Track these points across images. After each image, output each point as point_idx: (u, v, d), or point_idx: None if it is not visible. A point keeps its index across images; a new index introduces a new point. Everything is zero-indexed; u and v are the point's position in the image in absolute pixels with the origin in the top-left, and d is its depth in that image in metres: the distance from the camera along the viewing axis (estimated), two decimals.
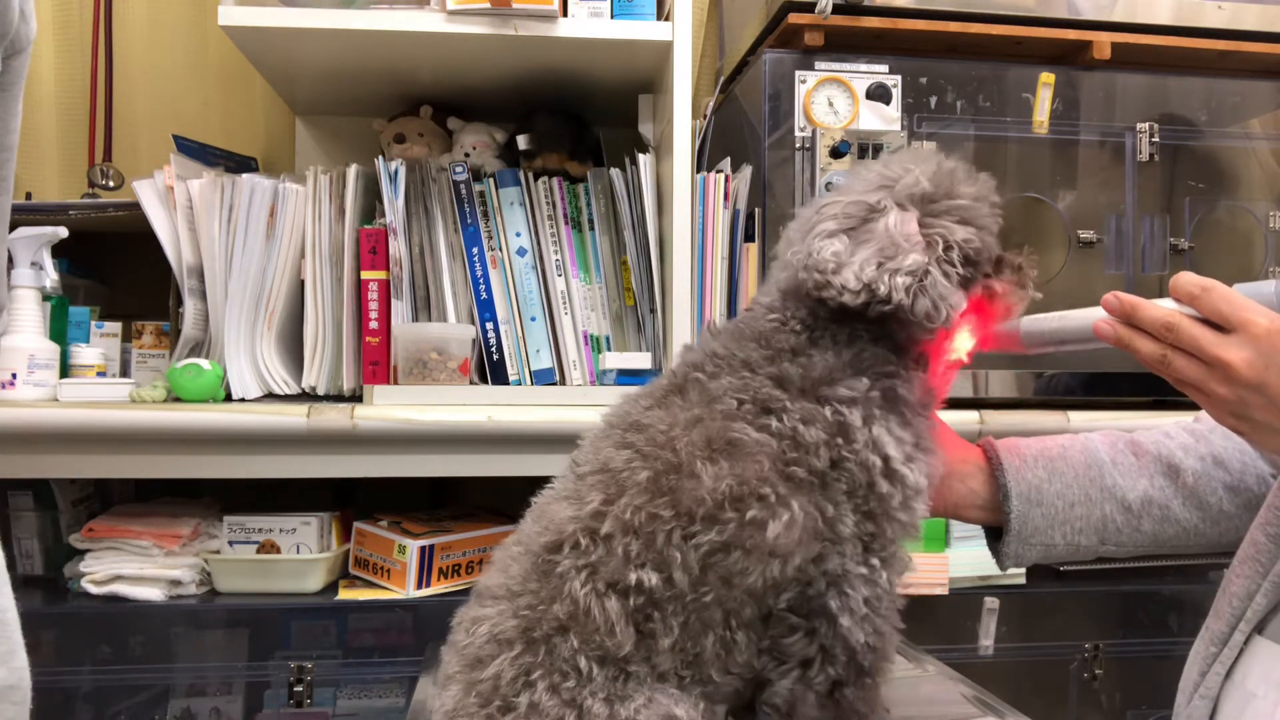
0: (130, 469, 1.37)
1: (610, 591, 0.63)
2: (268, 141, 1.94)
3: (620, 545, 0.63)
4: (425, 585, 1.40)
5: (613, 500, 0.65)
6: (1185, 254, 1.56)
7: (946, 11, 1.50)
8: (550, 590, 0.64)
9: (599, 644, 0.63)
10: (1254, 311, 0.67)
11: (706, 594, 0.64)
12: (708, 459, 0.64)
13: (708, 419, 0.66)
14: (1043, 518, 0.77)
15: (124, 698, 1.36)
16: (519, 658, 0.63)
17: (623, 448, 0.67)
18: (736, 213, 1.52)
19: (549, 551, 0.65)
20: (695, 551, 0.63)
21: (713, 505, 0.63)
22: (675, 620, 0.63)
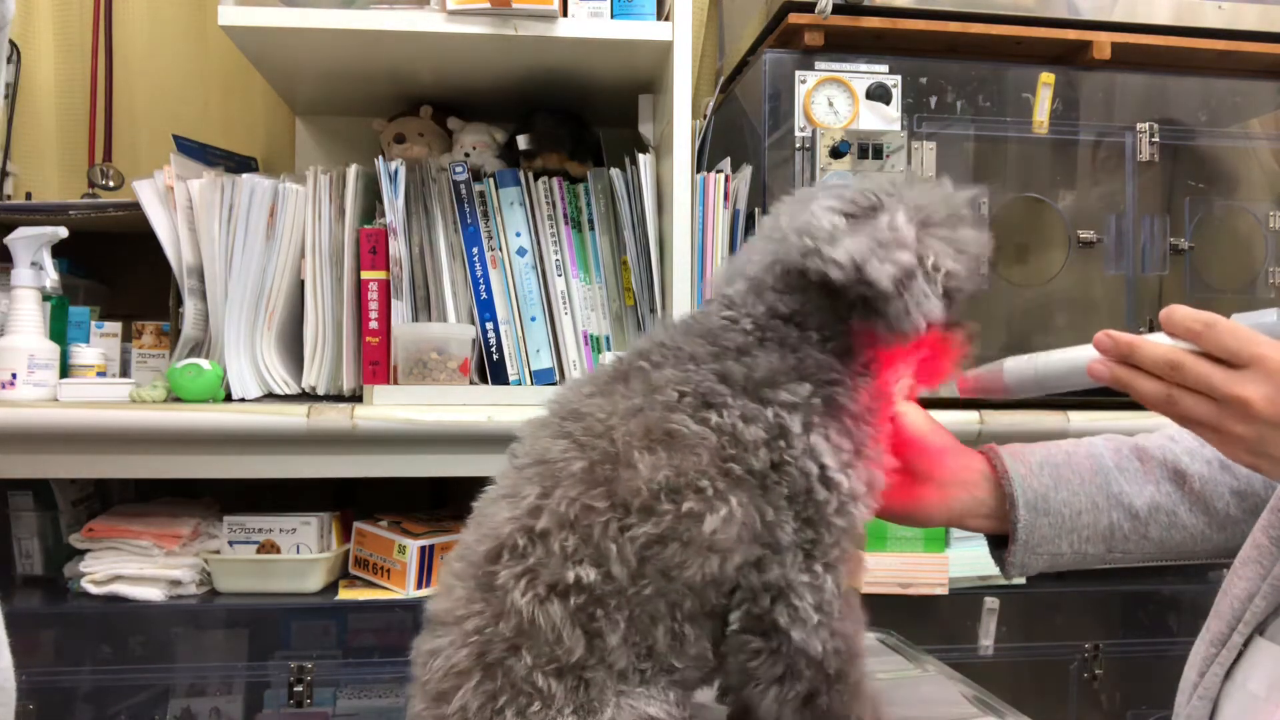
0: (130, 469, 1.37)
1: (551, 595, 0.61)
2: (268, 141, 1.94)
3: (557, 542, 0.62)
4: (425, 585, 1.40)
5: (549, 493, 0.63)
6: (1185, 254, 1.56)
7: (946, 11, 1.50)
8: (494, 608, 0.62)
9: (550, 655, 0.61)
10: (1265, 345, 0.64)
11: (646, 586, 0.62)
12: (645, 449, 0.63)
13: (647, 409, 0.64)
14: (1050, 526, 0.76)
15: (124, 698, 1.36)
16: (479, 686, 0.61)
17: (560, 437, 0.66)
18: (736, 213, 1.52)
19: (489, 562, 0.64)
20: (632, 544, 0.62)
21: (649, 496, 0.62)
22: (619, 615, 0.62)
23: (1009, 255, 1.54)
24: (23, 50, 1.85)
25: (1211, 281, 1.57)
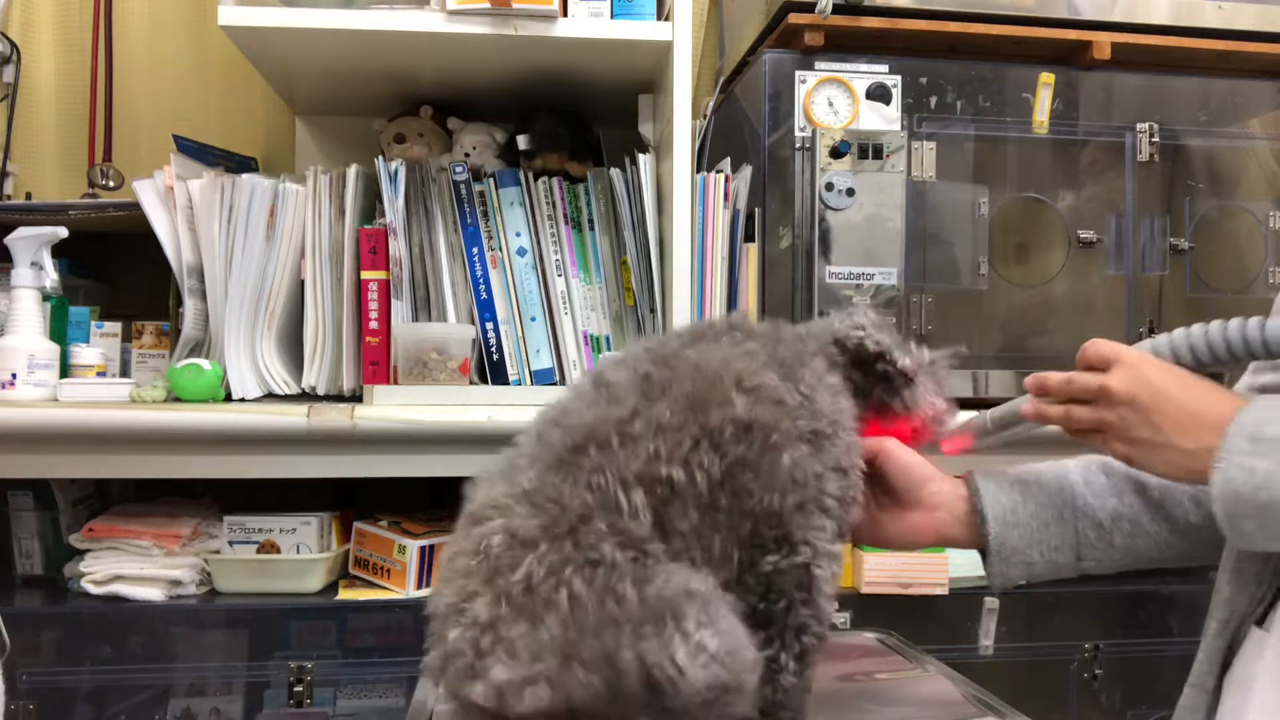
0: (130, 469, 1.37)
1: (637, 483, 0.66)
2: (268, 141, 1.94)
3: (651, 444, 0.68)
4: (425, 585, 1.40)
5: (650, 404, 0.70)
6: (1185, 254, 1.56)
7: (946, 11, 1.50)
8: (573, 483, 0.66)
9: (621, 528, 0.65)
10: (1127, 350, 0.76)
11: (720, 499, 0.69)
12: (740, 391, 0.71)
13: (742, 362, 0.74)
14: (1019, 538, 0.83)
15: (124, 698, 1.36)
16: (546, 555, 0.62)
17: (662, 366, 0.73)
18: (736, 213, 1.52)
19: (573, 452, 0.68)
20: (721, 460, 0.68)
21: (740, 427, 0.70)
22: (692, 513, 0.68)
23: (1009, 255, 1.54)
24: (23, 50, 1.85)
25: (1211, 281, 1.57)
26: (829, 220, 1.43)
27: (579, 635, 0.59)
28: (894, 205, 1.44)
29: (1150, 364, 0.75)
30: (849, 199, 1.42)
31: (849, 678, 0.97)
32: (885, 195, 1.43)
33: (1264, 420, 0.68)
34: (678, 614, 0.59)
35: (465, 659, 0.61)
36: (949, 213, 1.50)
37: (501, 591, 0.62)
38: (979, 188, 1.51)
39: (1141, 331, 1.56)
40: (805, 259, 1.45)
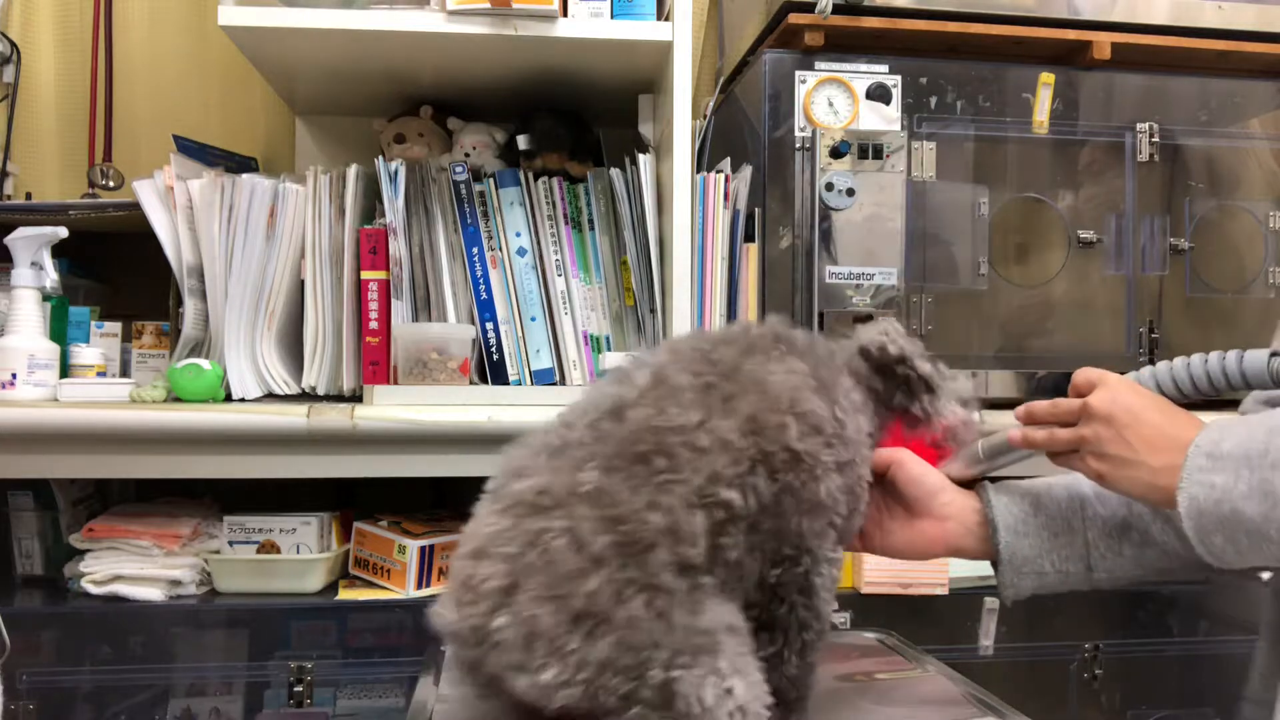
0: (130, 469, 1.37)
1: (700, 504, 0.68)
2: (268, 141, 1.94)
3: (714, 462, 0.69)
4: (425, 585, 1.40)
5: (715, 415, 0.71)
6: (1185, 254, 1.56)
7: (946, 11, 1.50)
8: (641, 498, 0.67)
9: (681, 554, 0.66)
10: (1110, 374, 0.79)
11: (763, 524, 0.71)
12: (793, 415, 0.74)
13: (791, 382, 0.76)
14: (1030, 548, 0.84)
15: (124, 698, 1.36)
16: (614, 576, 0.64)
17: (725, 379, 0.75)
18: (736, 213, 1.52)
19: (637, 459, 0.68)
20: (771, 487, 0.71)
21: (793, 457, 0.73)
22: (740, 537, 0.70)
23: (1009, 255, 1.54)
24: (23, 50, 1.85)
25: (1211, 281, 1.57)
26: (829, 220, 1.43)
27: (623, 653, 0.62)
28: (894, 205, 1.44)
29: (1131, 386, 0.78)
30: (849, 199, 1.42)
31: (849, 678, 0.97)
32: (885, 195, 1.43)
33: (1219, 438, 0.71)
34: (715, 651, 0.64)
35: (514, 655, 0.63)
36: (949, 213, 1.50)
37: (563, 599, 0.63)
38: (979, 188, 1.51)
39: (1141, 331, 1.56)
40: (805, 259, 1.45)
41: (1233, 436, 0.70)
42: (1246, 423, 0.72)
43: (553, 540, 0.65)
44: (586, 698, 0.62)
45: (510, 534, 0.66)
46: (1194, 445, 0.72)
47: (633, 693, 0.62)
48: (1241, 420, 0.73)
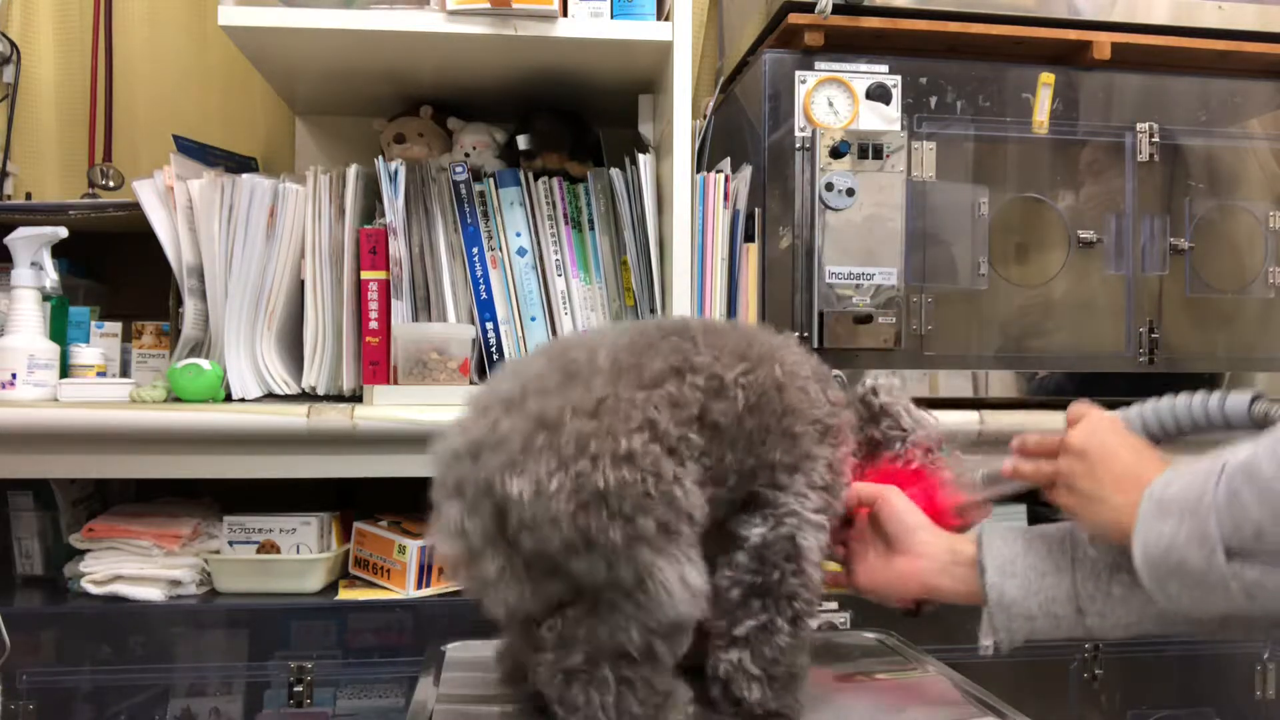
0: (130, 469, 1.37)
1: (694, 376, 0.80)
2: (268, 141, 1.94)
3: (715, 362, 0.81)
4: (425, 585, 1.40)
5: (714, 345, 0.83)
6: (1185, 254, 1.56)
7: (946, 11, 1.50)
8: (657, 363, 0.79)
9: (668, 444, 0.75)
10: (1094, 409, 0.81)
11: (746, 423, 0.81)
12: (781, 366, 0.85)
13: (790, 347, 0.89)
14: (1018, 588, 0.82)
15: (124, 698, 1.36)
16: (630, 405, 0.75)
17: (719, 331, 0.86)
18: (736, 213, 1.52)
19: (656, 382, 0.78)
20: (756, 392, 0.81)
21: (776, 384, 0.83)
22: (724, 420, 0.80)
23: (1009, 255, 1.54)
24: (23, 50, 1.85)
25: (1211, 281, 1.57)
26: (829, 220, 1.43)
27: (613, 470, 0.71)
28: (894, 205, 1.44)
29: (1112, 424, 0.79)
30: (849, 199, 1.42)
31: (849, 678, 0.97)
32: (885, 195, 1.43)
33: (1166, 481, 0.70)
34: (678, 535, 0.73)
35: (511, 452, 0.72)
36: (949, 213, 1.50)
37: (576, 406, 0.73)
38: (979, 188, 1.51)
39: (1141, 332, 1.56)
40: (805, 259, 1.45)
41: (1180, 480, 0.69)
42: (1191, 466, 0.70)
43: (595, 380, 0.75)
44: (568, 500, 0.70)
45: (554, 364, 0.78)
46: (1147, 490, 0.71)
47: (611, 513, 0.70)
48: (1188, 463, 0.71)
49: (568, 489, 0.70)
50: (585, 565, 0.72)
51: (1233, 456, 0.66)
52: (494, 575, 0.73)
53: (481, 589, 0.75)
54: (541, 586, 0.74)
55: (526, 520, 0.71)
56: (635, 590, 0.72)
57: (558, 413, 0.73)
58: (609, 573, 0.72)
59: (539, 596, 0.74)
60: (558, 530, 0.70)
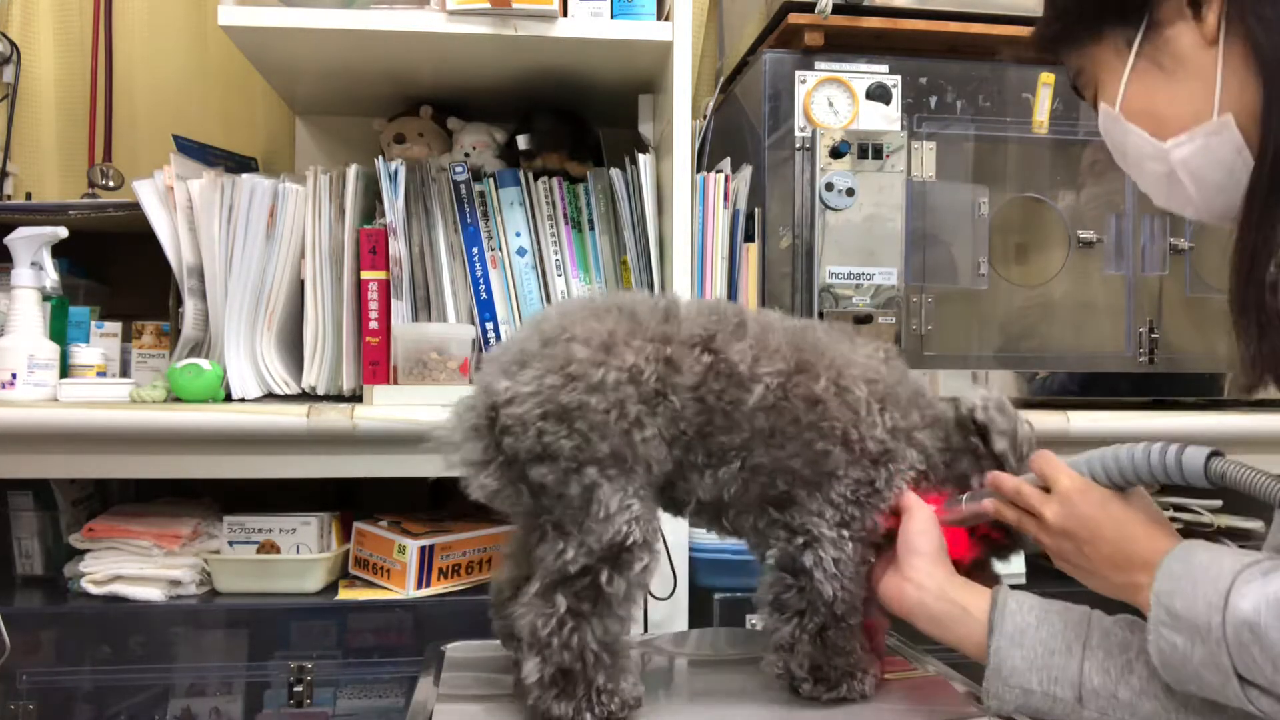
0: (130, 469, 1.37)
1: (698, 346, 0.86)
2: (268, 141, 1.94)
3: (754, 346, 0.87)
4: (425, 585, 1.40)
5: (759, 333, 0.88)
6: (1185, 254, 1.56)
7: (946, 11, 1.50)
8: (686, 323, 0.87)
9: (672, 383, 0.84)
10: (1064, 475, 0.81)
11: (762, 422, 0.85)
12: (833, 380, 0.87)
13: (859, 363, 0.90)
14: (1022, 659, 0.79)
15: (124, 698, 1.36)
16: (603, 352, 0.82)
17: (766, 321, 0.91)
18: (736, 213, 1.52)
19: (689, 345, 0.85)
20: (789, 386, 0.85)
21: (812, 399, 0.86)
22: (734, 429, 0.85)
23: (1009, 255, 1.54)
24: (23, 50, 1.85)
25: (1211, 281, 1.57)
26: (829, 220, 1.43)
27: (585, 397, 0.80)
28: (894, 205, 1.44)
29: (1082, 495, 0.79)
30: (849, 199, 1.42)
31: None
32: (885, 195, 1.43)
33: (1172, 591, 0.70)
34: (632, 471, 0.81)
35: (513, 354, 0.84)
36: (949, 213, 1.50)
37: (579, 334, 0.82)
38: (979, 188, 1.51)
39: (1141, 331, 1.56)
40: (805, 259, 1.45)
41: (1180, 592, 0.69)
42: (1190, 571, 0.69)
43: (597, 310, 0.85)
44: (538, 406, 0.79)
45: (558, 311, 0.87)
46: (1154, 593, 0.71)
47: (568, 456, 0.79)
48: (1185, 560, 0.70)
49: (540, 397, 0.79)
50: (541, 473, 0.80)
51: (1235, 596, 0.65)
52: (479, 459, 0.82)
53: (469, 473, 0.84)
54: (515, 489, 0.82)
55: (503, 420, 0.80)
56: (580, 510, 0.79)
57: (558, 333, 0.82)
58: (560, 486, 0.80)
59: (513, 500, 0.83)
60: (525, 433, 0.79)
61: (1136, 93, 0.78)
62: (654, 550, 0.83)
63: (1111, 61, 0.80)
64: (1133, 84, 0.78)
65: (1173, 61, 0.76)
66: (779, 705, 0.89)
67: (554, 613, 0.79)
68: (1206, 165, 0.76)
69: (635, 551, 0.80)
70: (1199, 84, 0.75)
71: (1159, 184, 0.80)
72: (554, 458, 0.79)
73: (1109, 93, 0.81)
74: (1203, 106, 0.75)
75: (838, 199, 1.42)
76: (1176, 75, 0.76)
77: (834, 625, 0.86)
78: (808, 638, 0.86)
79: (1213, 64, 0.74)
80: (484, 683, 0.96)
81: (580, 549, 0.79)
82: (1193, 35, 0.74)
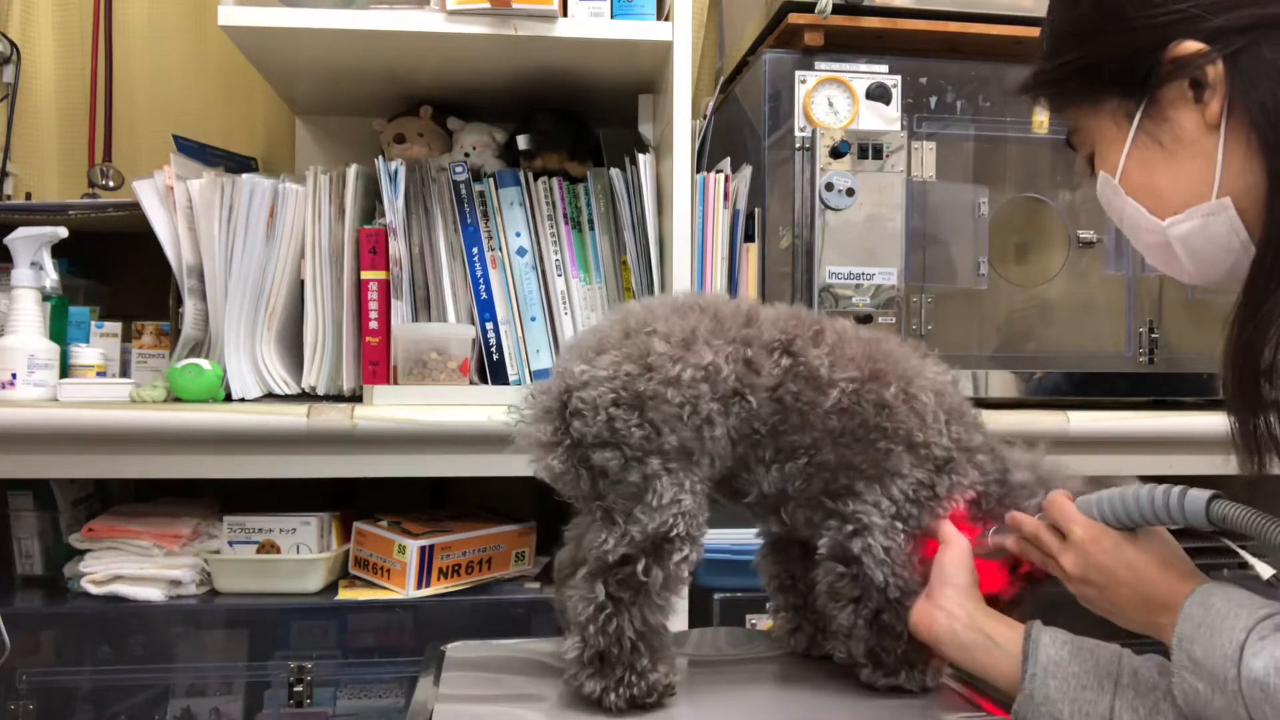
0: (130, 469, 1.37)
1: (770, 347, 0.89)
2: (268, 141, 1.94)
3: (829, 354, 0.89)
4: (425, 585, 1.40)
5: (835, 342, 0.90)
6: None
7: (946, 11, 1.50)
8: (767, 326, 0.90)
9: (748, 383, 0.86)
10: (1077, 523, 0.83)
11: (834, 423, 0.87)
12: (901, 386, 0.89)
13: (926, 371, 0.93)
14: (1055, 689, 0.80)
15: (124, 698, 1.36)
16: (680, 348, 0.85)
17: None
18: (736, 213, 1.52)
19: (749, 341, 0.87)
20: (860, 394, 0.88)
21: (881, 403, 0.88)
22: (806, 428, 0.87)
23: (1009, 255, 1.54)
24: (23, 50, 1.85)
25: None
26: (829, 220, 1.43)
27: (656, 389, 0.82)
28: (894, 205, 1.44)
29: (1095, 544, 0.82)
30: (849, 199, 1.42)
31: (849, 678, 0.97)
32: (885, 195, 1.43)
33: (1193, 638, 0.72)
34: (691, 467, 0.83)
35: (593, 342, 0.86)
36: (949, 213, 1.50)
37: (660, 328, 0.85)
38: (979, 188, 1.51)
39: (1141, 331, 1.56)
40: (805, 259, 1.45)
41: (1201, 643, 0.71)
42: (1210, 618, 0.71)
43: (682, 307, 0.88)
44: (611, 392, 0.81)
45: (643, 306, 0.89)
46: (1176, 639, 0.73)
47: (625, 424, 0.81)
48: (1205, 605, 0.72)
49: (615, 383, 0.81)
50: (605, 458, 0.82)
51: (1249, 654, 0.67)
52: (547, 440, 0.84)
53: (537, 453, 0.86)
54: (577, 473, 0.84)
55: (574, 404, 0.82)
56: (633, 499, 0.82)
57: (641, 326, 0.85)
58: (621, 472, 0.82)
59: (574, 483, 0.85)
60: (596, 418, 0.81)
61: (1136, 167, 0.79)
62: (696, 543, 0.85)
63: (1110, 131, 0.80)
64: (1132, 158, 0.79)
65: (1173, 141, 0.76)
66: (779, 704, 0.89)
67: (594, 599, 0.82)
68: (1203, 243, 0.77)
69: (676, 543, 0.83)
70: (1199, 165, 0.75)
71: (1155, 251, 0.81)
72: (620, 445, 0.81)
73: (1108, 162, 0.81)
74: (1202, 187, 0.75)
75: (838, 199, 1.42)
76: (1177, 155, 0.76)
77: (888, 609, 0.88)
78: (863, 623, 0.89)
79: (1213, 147, 0.74)
80: (484, 683, 0.96)
81: (622, 539, 0.82)
82: (1194, 117, 0.74)
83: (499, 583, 1.47)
